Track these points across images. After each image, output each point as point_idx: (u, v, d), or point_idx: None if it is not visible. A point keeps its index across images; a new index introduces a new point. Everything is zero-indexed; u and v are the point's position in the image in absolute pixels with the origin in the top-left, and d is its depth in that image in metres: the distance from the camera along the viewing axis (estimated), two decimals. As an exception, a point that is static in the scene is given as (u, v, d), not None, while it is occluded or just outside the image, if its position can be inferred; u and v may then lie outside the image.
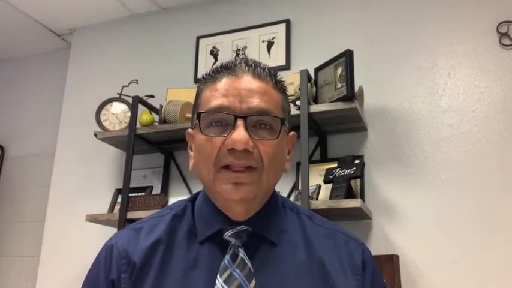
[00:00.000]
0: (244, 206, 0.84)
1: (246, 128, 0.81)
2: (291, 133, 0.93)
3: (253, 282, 0.80)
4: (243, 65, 0.86)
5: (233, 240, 0.84)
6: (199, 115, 0.84)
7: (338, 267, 0.86)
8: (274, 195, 0.93)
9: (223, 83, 0.85)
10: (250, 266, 0.82)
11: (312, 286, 0.83)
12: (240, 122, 0.81)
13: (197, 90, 0.90)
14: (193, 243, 0.86)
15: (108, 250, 0.88)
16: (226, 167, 0.81)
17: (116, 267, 0.85)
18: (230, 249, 0.83)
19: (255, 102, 0.82)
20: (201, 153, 0.84)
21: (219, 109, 0.83)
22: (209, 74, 0.89)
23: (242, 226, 0.85)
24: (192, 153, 0.90)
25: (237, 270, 0.81)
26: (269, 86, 0.86)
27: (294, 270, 0.84)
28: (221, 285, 0.79)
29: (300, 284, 0.83)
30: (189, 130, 0.91)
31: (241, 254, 0.83)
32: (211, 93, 0.85)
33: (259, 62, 0.88)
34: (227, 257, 0.82)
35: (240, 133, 0.80)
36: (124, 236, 0.89)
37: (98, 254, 0.90)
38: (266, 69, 0.88)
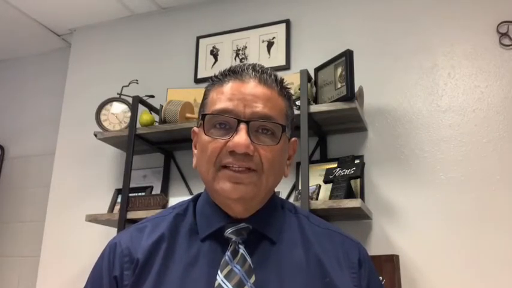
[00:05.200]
0: (242, 205, 0.86)
1: (248, 132, 0.83)
2: (293, 139, 0.95)
3: (253, 278, 0.81)
4: (250, 70, 0.89)
5: (234, 237, 0.86)
6: (204, 116, 0.87)
7: (335, 264, 0.88)
8: (274, 196, 0.95)
9: (229, 87, 0.87)
10: (250, 262, 0.83)
11: (309, 282, 0.84)
12: (242, 126, 0.83)
13: (204, 91, 0.93)
14: (194, 241, 0.88)
15: (112, 248, 0.90)
16: (226, 166, 0.84)
17: (119, 264, 0.87)
18: (231, 245, 0.85)
19: (259, 107, 0.85)
20: (203, 153, 0.86)
21: (223, 112, 0.85)
22: (217, 76, 0.91)
23: (243, 224, 0.87)
24: (195, 151, 0.92)
25: (238, 266, 0.82)
26: (274, 92, 0.89)
27: (293, 267, 0.85)
28: (222, 280, 0.81)
29: (298, 280, 0.84)
30: (195, 128, 0.94)
31: (242, 250, 0.84)
32: (217, 96, 0.88)
33: (266, 68, 0.91)
34: (228, 253, 0.84)
35: (241, 137, 0.82)
36: (128, 234, 0.92)
37: (102, 252, 0.92)
38: (272, 76, 0.90)
